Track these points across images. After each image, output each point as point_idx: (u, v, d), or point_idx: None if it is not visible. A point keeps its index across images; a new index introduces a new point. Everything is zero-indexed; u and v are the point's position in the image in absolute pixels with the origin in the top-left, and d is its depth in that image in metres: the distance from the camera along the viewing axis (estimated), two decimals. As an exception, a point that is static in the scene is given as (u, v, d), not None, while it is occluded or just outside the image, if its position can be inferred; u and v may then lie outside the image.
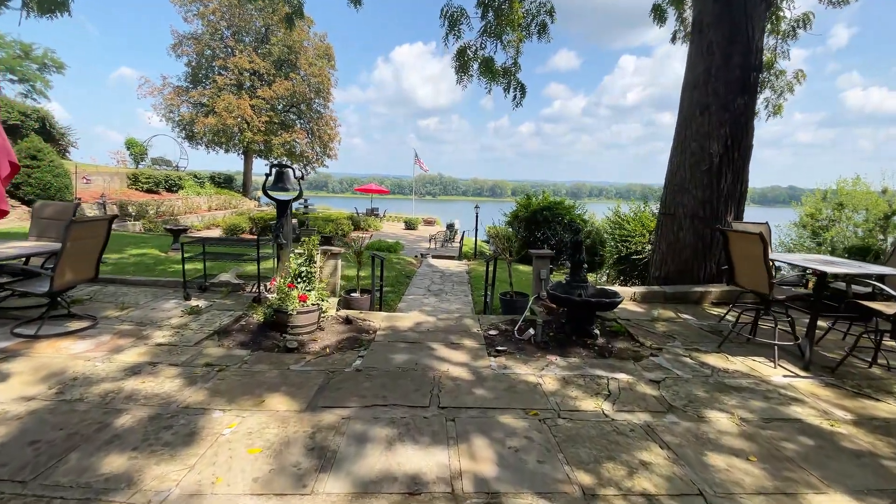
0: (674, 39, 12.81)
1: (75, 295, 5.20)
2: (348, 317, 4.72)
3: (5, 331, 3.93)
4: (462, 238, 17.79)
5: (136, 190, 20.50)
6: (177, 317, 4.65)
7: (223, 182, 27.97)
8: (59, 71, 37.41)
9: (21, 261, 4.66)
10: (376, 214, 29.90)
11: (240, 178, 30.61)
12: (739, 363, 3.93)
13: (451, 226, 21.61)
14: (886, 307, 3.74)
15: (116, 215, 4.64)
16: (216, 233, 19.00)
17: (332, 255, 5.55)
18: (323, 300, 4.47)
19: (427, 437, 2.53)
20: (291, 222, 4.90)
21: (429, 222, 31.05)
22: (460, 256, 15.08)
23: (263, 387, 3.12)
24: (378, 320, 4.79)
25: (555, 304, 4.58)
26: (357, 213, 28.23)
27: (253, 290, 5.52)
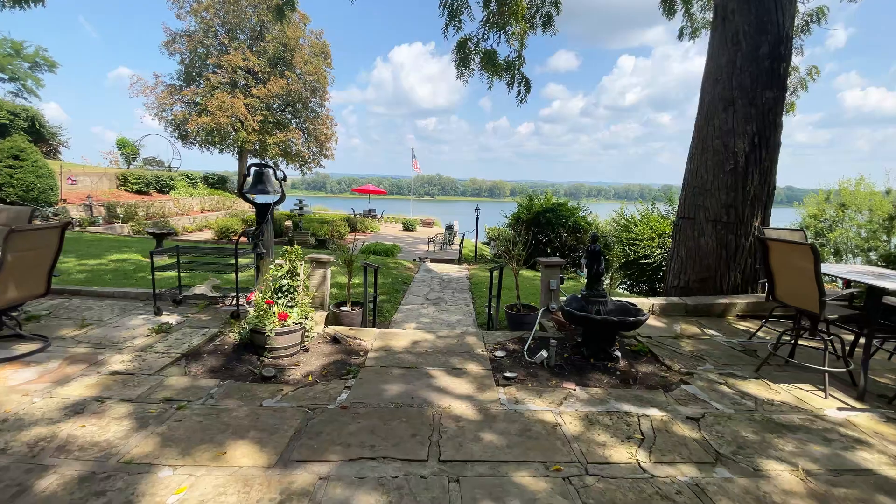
0: (681, 36, 12.33)
1: (33, 310, 4.66)
2: (336, 335, 4.20)
3: (-65, 357, 3.40)
4: (462, 240, 17.27)
5: (126, 191, 19.90)
6: (142, 336, 4.12)
7: (217, 182, 27.38)
8: (50, 69, 36.71)
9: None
10: (374, 216, 29.34)
11: (234, 178, 30.01)
12: (784, 392, 3.42)
13: (450, 227, 21.07)
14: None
15: (69, 222, 4.11)
16: (208, 235, 18.43)
17: (320, 263, 5.01)
18: (307, 318, 3.94)
19: (425, 507, 2.01)
20: (273, 229, 4.37)
21: (427, 223, 30.51)
22: (460, 260, 14.56)
23: (228, 431, 2.59)
24: (370, 339, 4.26)
25: (570, 322, 4.06)
26: (354, 214, 27.67)
27: (232, 303, 4.98)
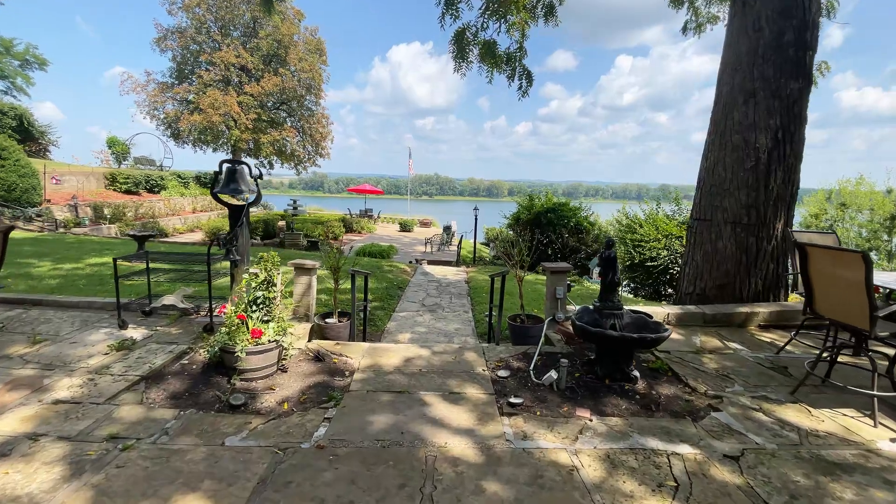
0: (685, 30, 11.89)
1: (-18, 323, 4.20)
2: (319, 352, 3.74)
3: None
4: (460, 241, 16.85)
5: (114, 191, 19.36)
6: (100, 354, 3.65)
7: (209, 182, 26.82)
8: (41, 67, 36.10)
9: None
10: (370, 216, 28.88)
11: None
12: (827, 419, 2.99)
13: (447, 228, 20.64)
14: None
15: (13, 227, 3.63)
16: (199, 236, 17.94)
17: (305, 270, 4.56)
18: (286, 333, 3.48)
19: None
20: (248, 232, 3.91)
21: (425, 224, 30.05)
22: (458, 262, 14.12)
23: (178, 481, 2.14)
24: (357, 356, 3.81)
25: (582, 338, 3.63)
26: (350, 214, 27.21)
27: (206, 314, 4.52)
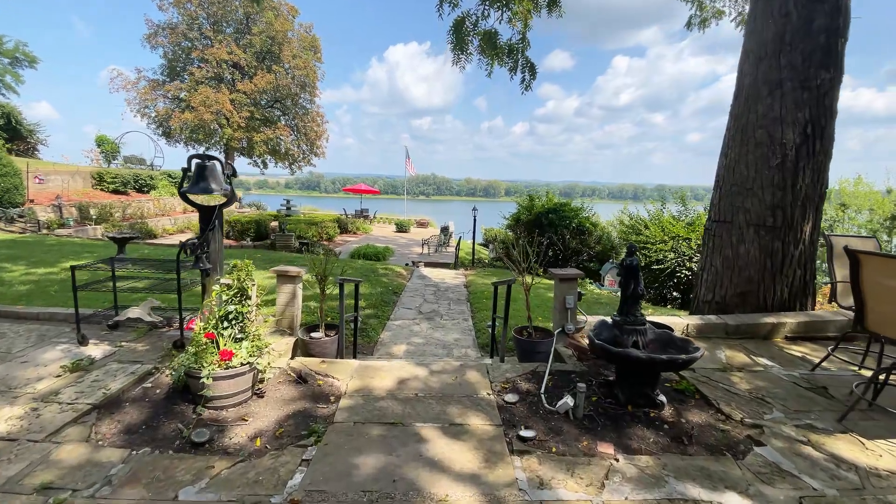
0: (689, 26, 11.53)
1: (-77, 339, 3.73)
2: (302, 373, 3.31)
3: None
4: (458, 243, 16.43)
5: (101, 190, 18.79)
6: (51, 376, 3.20)
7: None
8: (31, 65, 35.47)
9: None
10: (366, 216, 28.37)
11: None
12: (885, 453, 2.59)
13: (445, 229, 20.20)
14: None
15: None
16: (189, 237, 17.42)
17: (289, 277, 4.12)
18: (262, 353, 3.05)
19: None
20: (221, 237, 3.46)
21: (422, 224, 29.59)
22: (456, 265, 13.69)
23: (110, 555, 1.70)
24: (345, 376, 3.38)
25: (602, 358, 3.21)
26: (345, 214, 26.71)
27: (178, 327, 4.07)
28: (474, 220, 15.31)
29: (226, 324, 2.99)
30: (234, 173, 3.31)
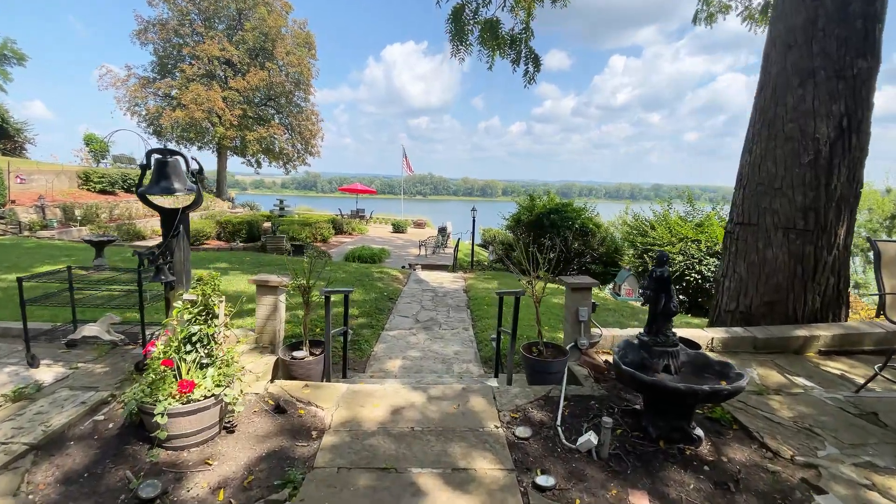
0: (695, 20, 11.17)
1: None
2: (281, 402, 2.86)
3: None
4: (457, 244, 15.99)
5: (88, 190, 18.22)
6: (-13, 407, 2.75)
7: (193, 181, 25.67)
8: (20, 63, 34.68)
9: None
10: (362, 216, 27.88)
11: (212, 176, 28.30)
12: (966, 499, 2.18)
13: (442, 230, 19.74)
14: None
15: None
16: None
17: (269, 288, 3.68)
18: (232, 382, 2.60)
19: None
20: (187, 244, 3.01)
21: (419, 224, 29.13)
22: (455, 267, 13.24)
23: None
24: (331, 404, 2.94)
25: (630, 386, 2.79)
26: (341, 214, 26.21)
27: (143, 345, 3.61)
28: (473, 221, 14.86)
29: (189, 347, 2.54)
30: (202, 171, 2.86)
